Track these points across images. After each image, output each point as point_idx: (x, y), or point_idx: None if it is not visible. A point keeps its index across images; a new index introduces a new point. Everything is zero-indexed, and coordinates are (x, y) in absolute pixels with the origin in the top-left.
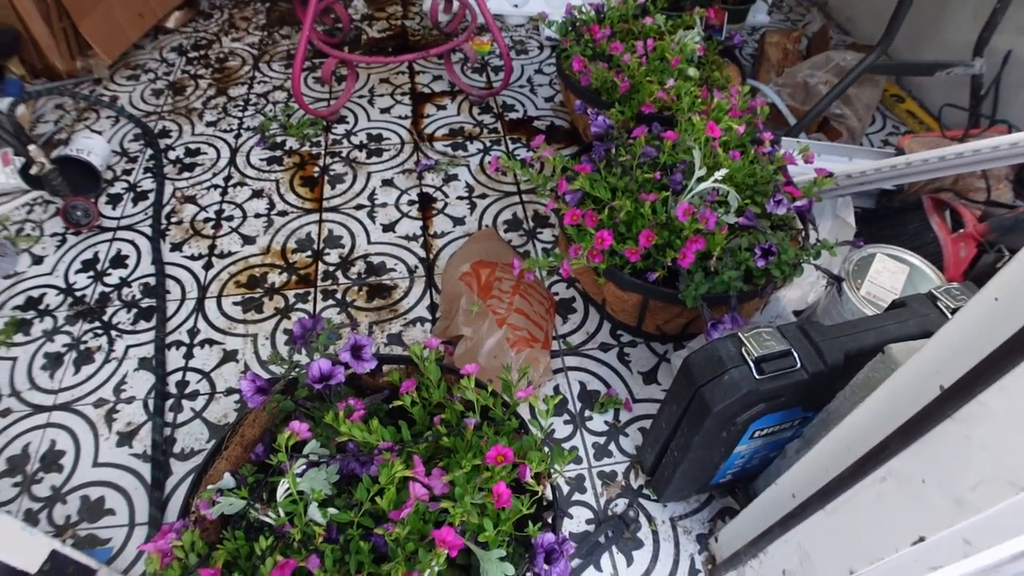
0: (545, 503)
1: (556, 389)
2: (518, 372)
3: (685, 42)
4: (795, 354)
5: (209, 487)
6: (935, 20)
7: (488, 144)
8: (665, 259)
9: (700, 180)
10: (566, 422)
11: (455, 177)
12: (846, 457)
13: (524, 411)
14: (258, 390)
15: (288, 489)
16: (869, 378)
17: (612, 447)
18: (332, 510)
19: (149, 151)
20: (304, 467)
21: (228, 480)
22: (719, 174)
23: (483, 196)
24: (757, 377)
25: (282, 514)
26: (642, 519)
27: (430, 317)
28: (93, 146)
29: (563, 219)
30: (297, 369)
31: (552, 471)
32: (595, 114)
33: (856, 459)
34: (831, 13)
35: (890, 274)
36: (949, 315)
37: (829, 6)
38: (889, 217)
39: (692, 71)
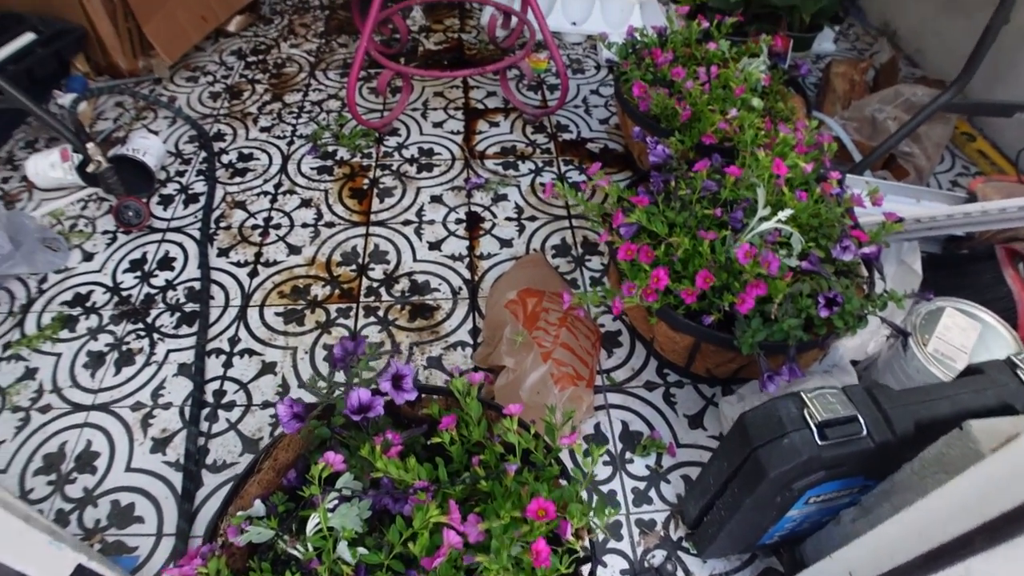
0: (582, 554)
1: (597, 427)
2: (564, 414)
3: (750, 71)
4: (862, 420)
5: (239, 513)
6: (1014, 58)
7: (540, 165)
8: (722, 302)
9: (763, 220)
10: (605, 463)
11: (504, 197)
12: (917, 545)
13: (565, 454)
14: (294, 416)
15: (318, 524)
16: (943, 455)
17: (652, 493)
18: (362, 550)
19: (203, 154)
20: (336, 502)
21: (258, 507)
22: (783, 214)
23: (532, 218)
24: (819, 443)
25: (311, 549)
26: (680, 574)
27: (472, 342)
28: (149, 146)
29: (616, 253)
30: (335, 393)
31: (593, 524)
32: (654, 142)
33: (929, 549)
34: (900, 44)
35: (960, 331)
36: None
37: (898, 36)
38: (958, 265)
39: (756, 101)
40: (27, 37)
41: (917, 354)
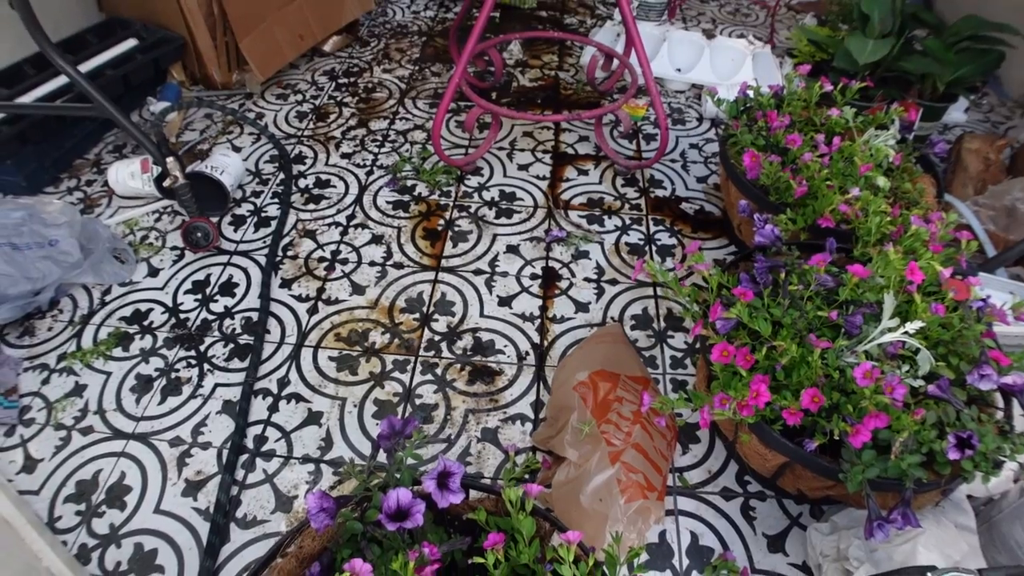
0: None
1: (662, 536)
2: (630, 553)
3: (878, 145)
4: None
5: None
6: None
7: (628, 222)
8: (831, 426)
9: (887, 330)
10: None
11: (586, 255)
12: None
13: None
14: (323, 510)
15: None
16: None
17: None
18: None
19: (281, 175)
20: None
21: None
22: (911, 326)
23: (613, 282)
24: None
25: None
26: None
27: (533, 417)
28: (227, 164)
29: (710, 352)
30: (372, 480)
31: None
32: (762, 221)
33: None
34: None
35: None
36: None
37: None
38: None
39: (882, 181)
40: (129, 43)
41: None
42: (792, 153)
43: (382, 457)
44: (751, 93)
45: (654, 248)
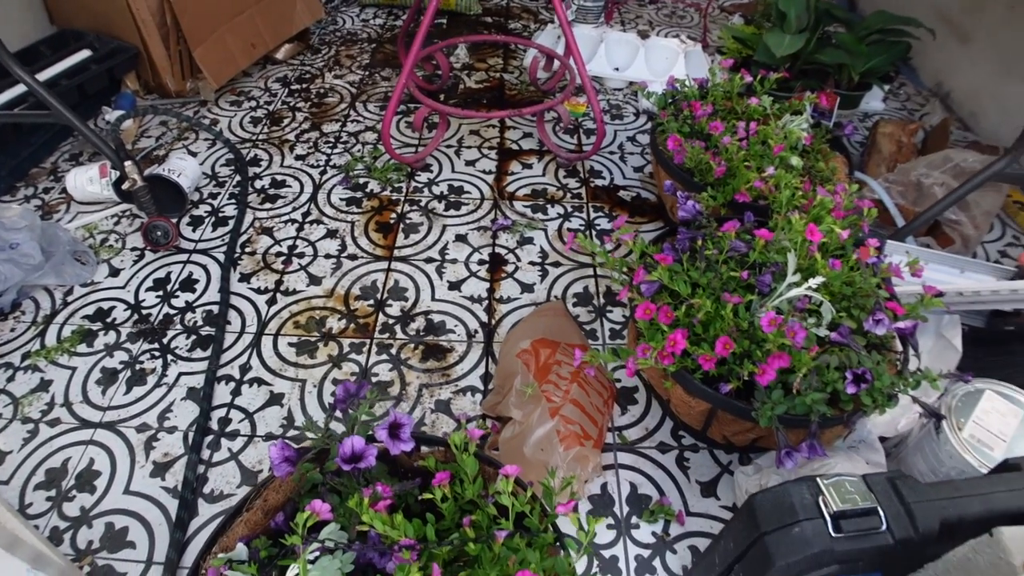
0: None
1: (604, 487)
2: (564, 480)
3: (791, 129)
4: (881, 513)
5: (220, 555)
6: None
7: (569, 209)
8: (742, 371)
9: (792, 286)
10: (609, 527)
11: (530, 240)
12: None
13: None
14: (286, 459)
15: (297, 574)
16: (968, 560)
17: (657, 563)
18: None
19: (237, 177)
20: (318, 552)
21: (241, 551)
22: (814, 282)
23: (556, 264)
24: (833, 535)
25: None
26: None
27: (482, 388)
28: (185, 168)
29: (635, 311)
30: (331, 437)
31: None
32: (684, 197)
33: None
34: (953, 107)
35: (1000, 416)
36: None
37: (951, 99)
38: (1002, 343)
39: (795, 160)
40: (83, 54)
41: (951, 438)
42: (714, 138)
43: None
44: (678, 86)
45: (594, 233)
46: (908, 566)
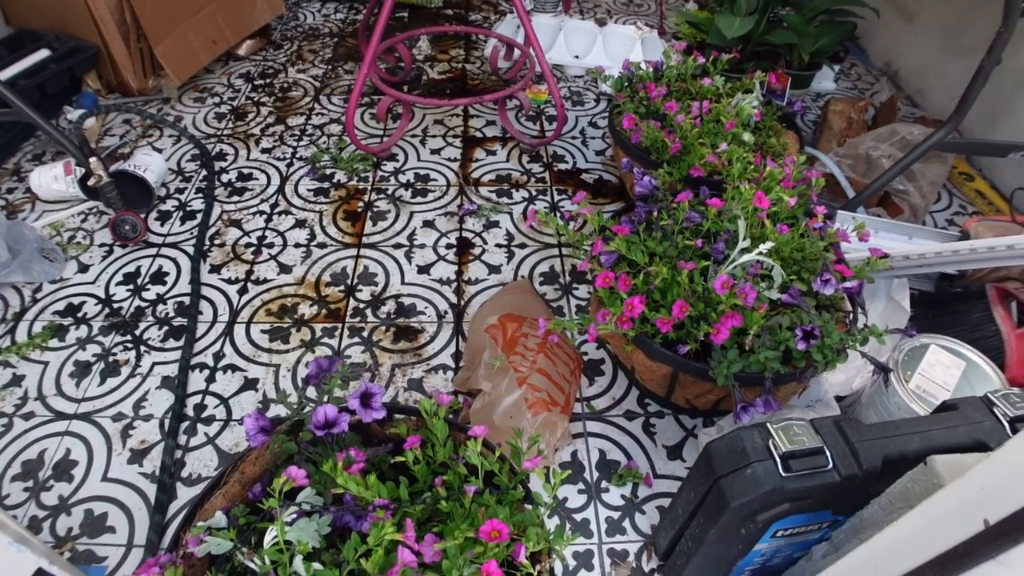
0: None
1: (574, 455)
2: (530, 438)
3: (742, 106)
4: (828, 453)
5: (200, 524)
6: (1012, 98)
7: (534, 193)
8: (698, 332)
9: (743, 251)
10: (580, 491)
11: (496, 224)
12: None
13: (535, 479)
14: (261, 429)
15: (276, 537)
16: (908, 490)
17: (627, 524)
18: (317, 565)
19: (204, 172)
20: (295, 516)
21: (220, 518)
22: (764, 247)
23: (522, 246)
24: (783, 474)
25: (267, 562)
26: None
27: (453, 365)
28: (150, 163)
29: (595, 280)
30: (305, 410)
31: (553, 550)
32: (640, 173)
33: None
34: (901, 84)
35: (944, 368)
36: (1007, 425)
37: (899, 77)
38: (948, 304)
39: (747, 136)
40: (42, 53)
41: (899, 390)
42: (669, 118)
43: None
44: (633, 69)
45: (558, 214)
46: (855, 504)
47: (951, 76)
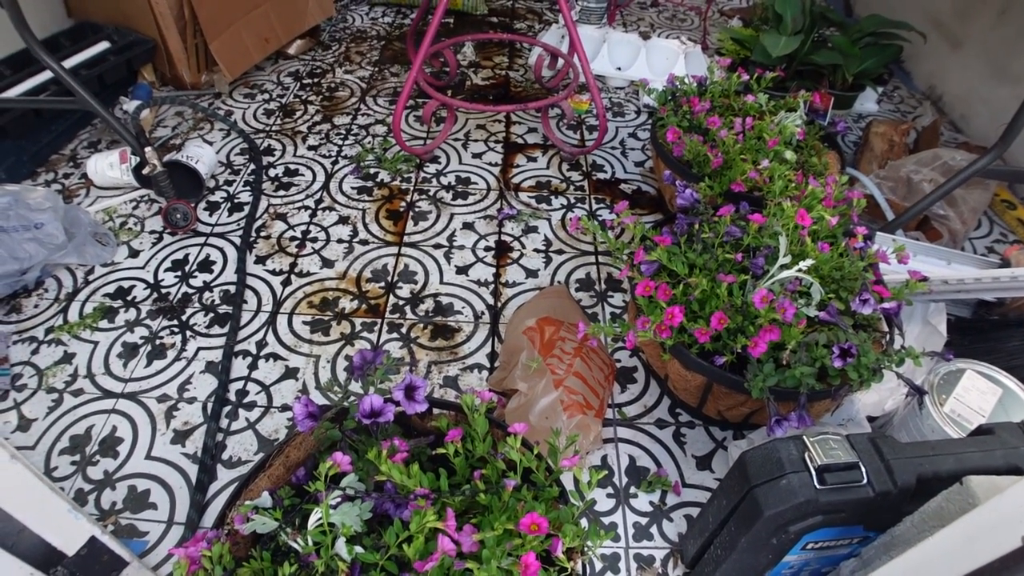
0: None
1: (604, 460)
2: (567, 438)
3: (785, 124)
4: (863, 468)
5: (247, 503)
6: None
7: (572, 201)
8: (735, 344)
9: (783, 268)
10: (609, 495)
11: (535, 229)
12: None
13: (567, 479)
14: (309, 415)
15: (320, 519)
16: (942, 508)
17: (654, 530)
18: (359, 548)
19: (252, 166)
20: (339, 500)
21: (265, 499)
22: (804, 264)
23: (560, 252)
24: (817, 487)
25: (310, 543)
26: None
27: (488, 365)
28: (202, 155)
29: (635, 289)
30: (350, 399)
31: (586, 547)
32: (683, 186)
33: None
34: (944, 108)
35: (979, 394)
36: None
37: (943, 101)
38: (986, 331)
39: (789, 154)
40: (102, 45)
41: (933, 413)
42: (712, 132)
43: (357, 389)
44: (678, 83)
45: (592, 221)
46: (887, 520)
47: (996, 103)
